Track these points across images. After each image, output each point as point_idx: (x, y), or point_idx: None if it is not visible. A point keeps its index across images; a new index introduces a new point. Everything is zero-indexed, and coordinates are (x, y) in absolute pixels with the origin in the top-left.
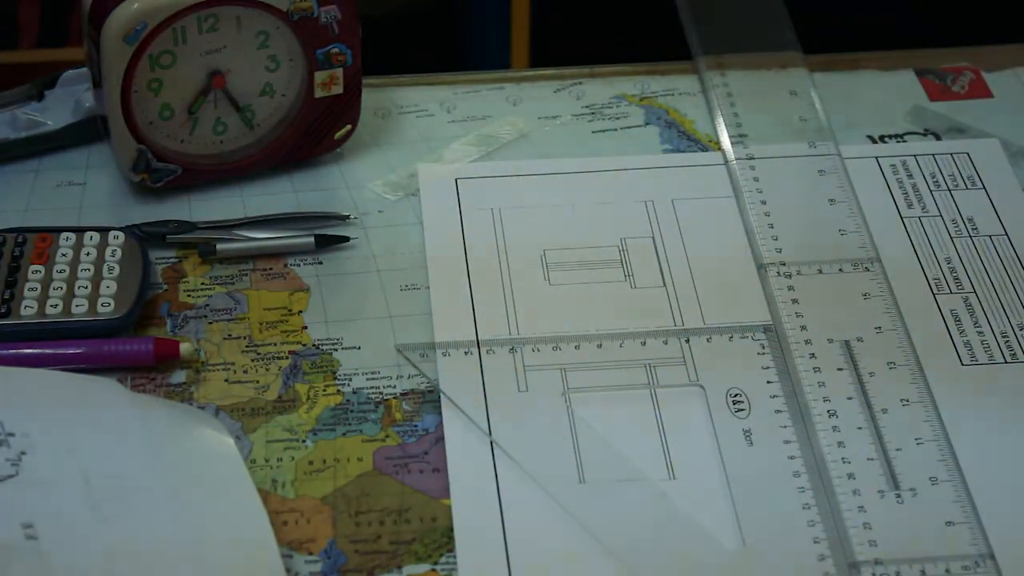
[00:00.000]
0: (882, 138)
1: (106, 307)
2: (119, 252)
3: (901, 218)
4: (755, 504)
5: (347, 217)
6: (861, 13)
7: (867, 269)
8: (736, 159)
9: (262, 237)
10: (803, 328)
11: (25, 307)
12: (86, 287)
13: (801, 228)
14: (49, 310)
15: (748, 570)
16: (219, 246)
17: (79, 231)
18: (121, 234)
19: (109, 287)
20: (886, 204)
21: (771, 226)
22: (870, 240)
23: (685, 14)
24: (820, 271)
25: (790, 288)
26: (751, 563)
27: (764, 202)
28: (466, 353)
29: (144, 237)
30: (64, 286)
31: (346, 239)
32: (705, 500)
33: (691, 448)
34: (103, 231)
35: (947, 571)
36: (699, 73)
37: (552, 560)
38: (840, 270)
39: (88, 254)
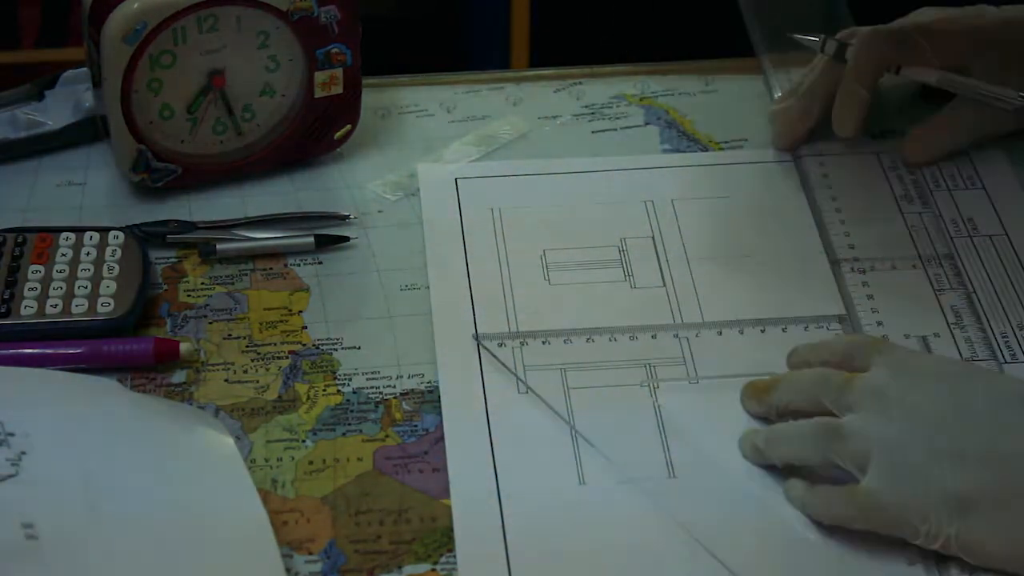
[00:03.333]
0: (883, 136)
1: (106, 307)
2: (119, 252)
3: (902, 216)
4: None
5: (347, 217)
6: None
7: (941, 265)
8: (807, 155)
9: (262, 237)
10: (879, 324)
11: (25, 307)
12: (86, 287)
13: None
14: (49, 310)
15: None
16: (219, 246)
17: (79, 231)
18: (121, 234)
19: (109, 287)
20: (886, 203)
21: (842, 222)
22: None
23: (748, 11)
24: (893, 267)
25: (864, 284)
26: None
27: (834, 198)
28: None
29: (144, 237)
30: (64, 286)
31: (346, 239)
32: (705, 499)
33: (692, 447)
34: (103, 231)
35: None
36: (763, 71)
37: (552, 560)
38: (913, 266)
39: (88, 254)
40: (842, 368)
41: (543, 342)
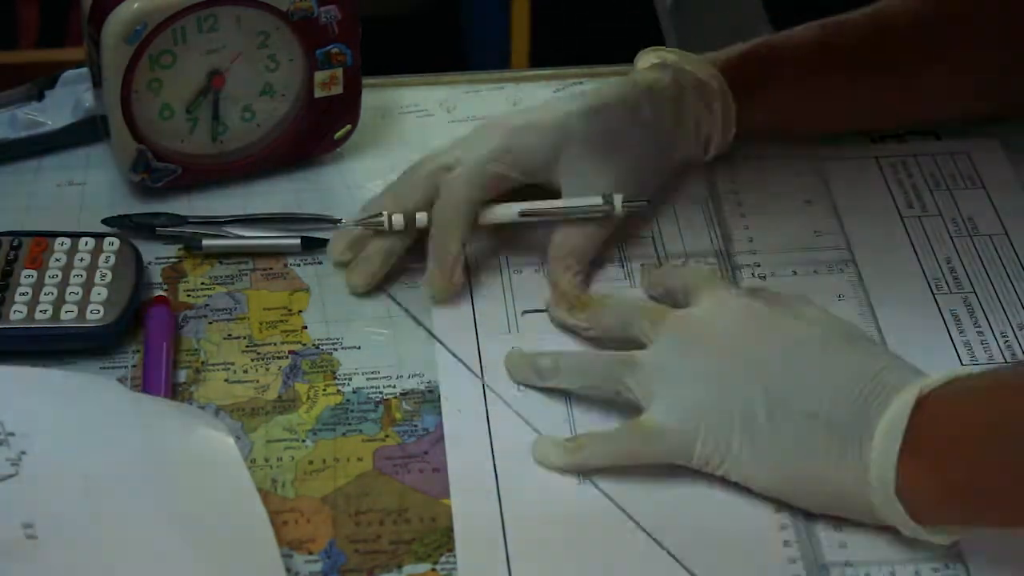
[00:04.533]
0: (882, 138)
1: (95, 314)
2: (113, 259)
3: (901, 218)
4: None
5: (339, 221)
6: (836, 10)
7: (841, 271)
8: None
9: (250, 236)
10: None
11: (15, 312)
12: (77, 293)
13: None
14: (38, 315)
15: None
16: (205, 242)
17: (75, 236)
18: (116, 240)
19: (100, 294)
20: (886, 203)
21: (746, 227)
22: (846, 241)
23: (664, 17)
24: (795, 272)
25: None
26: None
27: (740, 204)
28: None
29: (135, 228)
30: (55, 292)
31: None
32: (705, 500)
33: None
34: (99, 236)
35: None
36: None
37: (552, 560)
38: (815, 271)
39: (82, 260)
40: (675, 300)
41: (543, 342)
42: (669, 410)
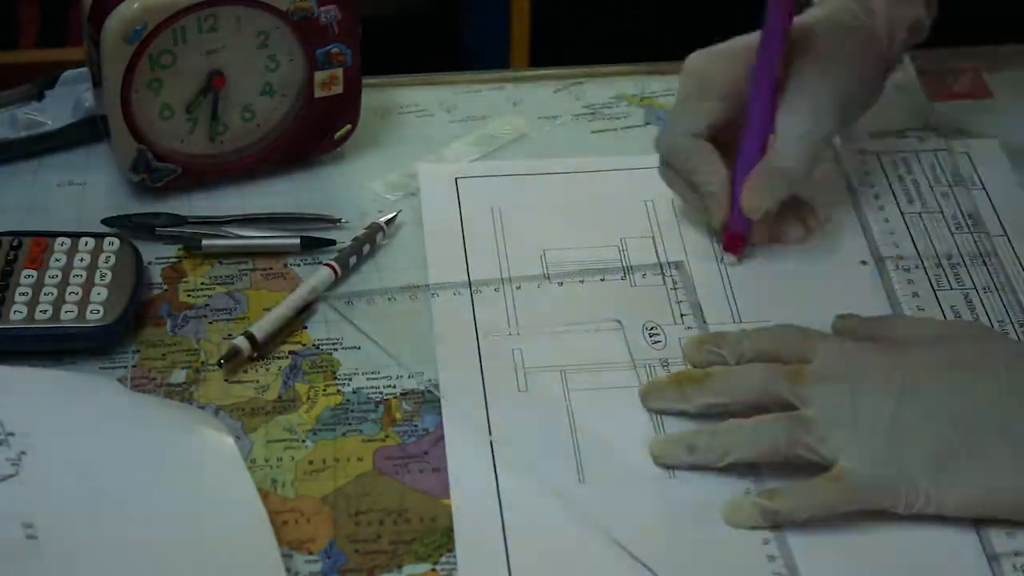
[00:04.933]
0: (883, 135)
1: (95, 314)
2: (112, 259)
3: (902, 215)
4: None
5: (339, 220)
6: None
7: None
8: None
9: (250, 236)
10: None
11: (15, 312)
12: (77, 293)
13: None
14: (38, 315)
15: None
16: (204, 242)
17: (75, 236)
18: (116, 240)
19: (100, 294)
20: (886, 201)
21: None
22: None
23: None
24: (894, 267)
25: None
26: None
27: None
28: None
29: (134, 228)
30: (55, 292)
31: (332, 242)
32: (705, 500)
33: None
34: (99, 237)
35: None
36: None
37: (552, 560)
38: (913, 266)
39: (82, 260)
40: (779, 362)
41: (543, 342)
42: (863, 459)
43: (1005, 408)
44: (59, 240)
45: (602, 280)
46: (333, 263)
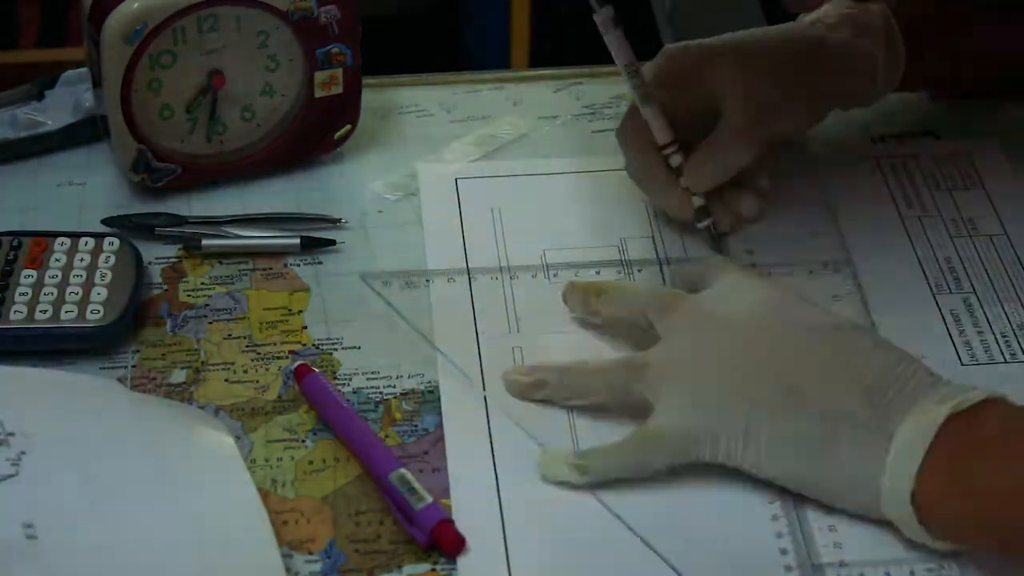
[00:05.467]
0: (882, 138)
1: (95, 314)
2: (112, 259)
3: (901, 218)
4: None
5: (339, 220)
6: None
7: (837, 271)
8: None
9: (249, 236)
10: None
11: (15, 312)
12: (77, 293)
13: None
14: (38, 316)
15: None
16: (204, 241)
17: (75, 236)
18: (116, 240)
19: (100, 294)
20: (886, 204)
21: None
22: (842, 241)
23: (663, 23)
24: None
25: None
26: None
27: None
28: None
29: (134, 228)
30: (55, 292)
31: (332, 242)
32: (705, 499)
33: None
34: (99, 236)
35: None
36: None
37: (552, 560)
38: (810, 272)
39: (82, 260)
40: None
41: (543, 342)
42: (674, 411)
43: (840, 387)
44: (59, 240)
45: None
46: None
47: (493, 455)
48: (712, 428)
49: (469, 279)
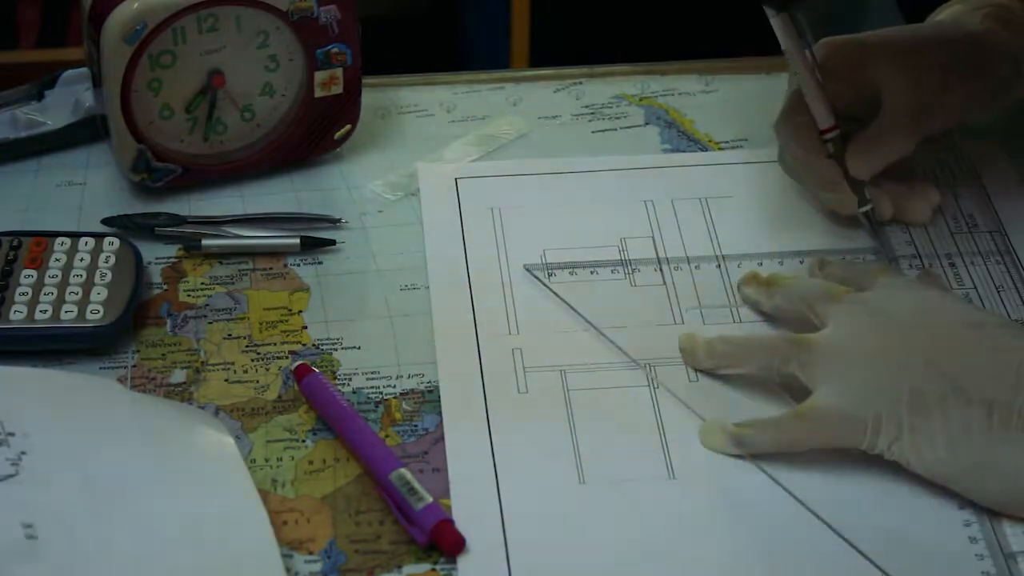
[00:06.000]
0: None
1: (95, 314)
2: (112, 259)
3: None
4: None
5: (339, 220)
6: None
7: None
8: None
9: (249, 235)
10: None
11: (15, 312)
12: (77, 293)
13: None
14: (38, 315)
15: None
16: (204, 242)
17: (75, 236)
18: (116, 240)
19: (100, 294)
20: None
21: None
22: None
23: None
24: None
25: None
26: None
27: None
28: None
29: (134, 228)
30: (55, 291)
31: (332, 242)
32: (705, 499)
33: (692, 448)
34: (98, 236)
35: None
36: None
37: (552, 560)
38: (912, 265)
39: (82, 260)
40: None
41: (543, 342)
42: (836, 394)
43: (1000, 380)
44: (59, 240)
45: (603, 281)
46: None
47: (493, 455)
48: (872, 417)
49: (469, 279)
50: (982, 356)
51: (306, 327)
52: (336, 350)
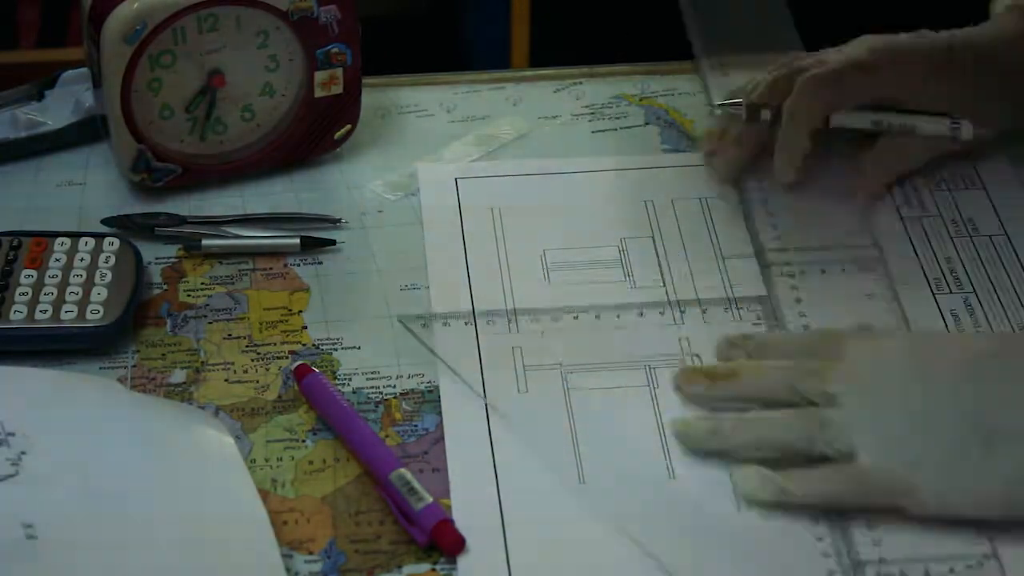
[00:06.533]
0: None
1: (95, 314)
2: (112, 259)
3: (901, 218)
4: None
5: (339, 220)
6: (863, 11)
7: (871, 270)
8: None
9: (249, 235)
10: (807, 328)
11: (15, 312)
12: (77, 293)
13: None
14: (38, 315)
15: (748, 569)
16: (204, 242)
17: (75, 236)
18: (116, 240)
19: (100, 294)
20: (886, 203)
21: (775, 226)
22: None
23: (688, 15)
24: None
25: (793, 288)
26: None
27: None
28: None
29: (134, 229)
30: (55, 292)
31: (332, 242)
32: (704, 502)
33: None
34: (99, 236)
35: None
36: (701, 74)
37: (552, 560)
38: (843, 270)
39: (82, 260)
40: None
41: (543, 342)
42: (881, 455)
43: (1005, 422)
44: (59, 240)
45: (603, 281)
46: None
47: (493, 455)
48: (917, 469)
49: (469, 279)
50: (1000, 387)
51: (306, 327)
52: (336, 350)
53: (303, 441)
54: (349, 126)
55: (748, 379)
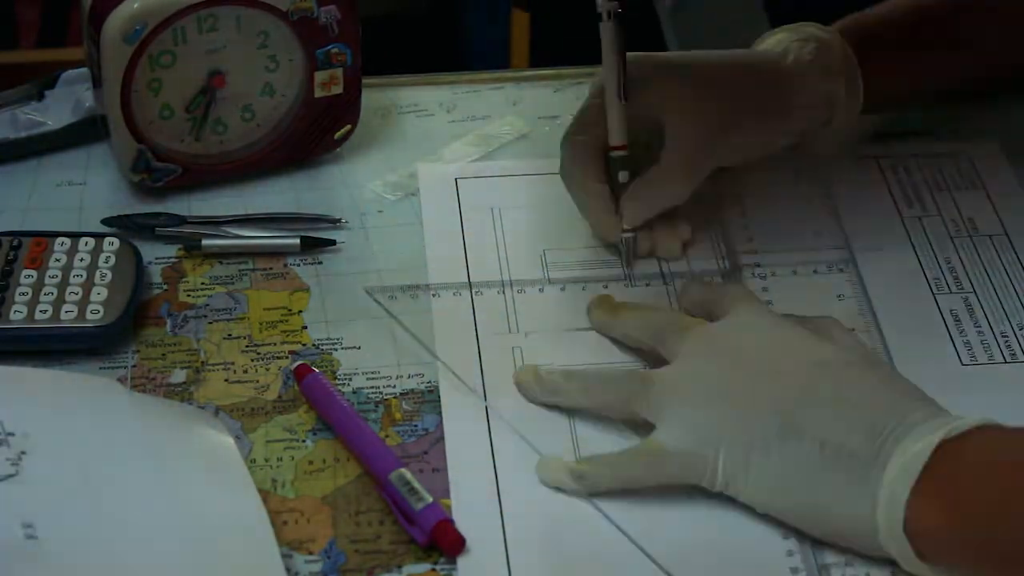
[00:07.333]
0: (882, 137)
1: (95, 314)
2: (112, 259)
3: (901, 218)
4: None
5: (339, 220)
6: (838, 14)
7: (841, 271)
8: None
9: (249, 236)
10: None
11: (15, 312)
12: (77, 293)
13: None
14: (38, 315)
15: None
16: (204, 242)
17: (75, 236)
18: (116, 240)
19: (100, 294)
20: (886, 204)
21: (746, 227)
22: (845, 241)
23: (664, 17)
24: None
25: (764, 289)
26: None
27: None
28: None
29: (134, 228)
30: (55, 292)
31: (332, 242)
32: (705, 499)
33: None
34: (99, 237)
35: None
36: None
37: (552, 560)
38: (815, 271)
39: (82, 260)
40: (710, 317)
41: (543, 342)
42: (677, 431)
43: (837, 420)
44: (59, 240)
45: (603, 283)
46: None
47: (493, 455)
48: (711, 455)
49: (469, 280)
50: (822, 395)
51: (306, 327)
52: (336, 350)
53: (303, 441)
54: (349, 126)
55: (630, 319)
